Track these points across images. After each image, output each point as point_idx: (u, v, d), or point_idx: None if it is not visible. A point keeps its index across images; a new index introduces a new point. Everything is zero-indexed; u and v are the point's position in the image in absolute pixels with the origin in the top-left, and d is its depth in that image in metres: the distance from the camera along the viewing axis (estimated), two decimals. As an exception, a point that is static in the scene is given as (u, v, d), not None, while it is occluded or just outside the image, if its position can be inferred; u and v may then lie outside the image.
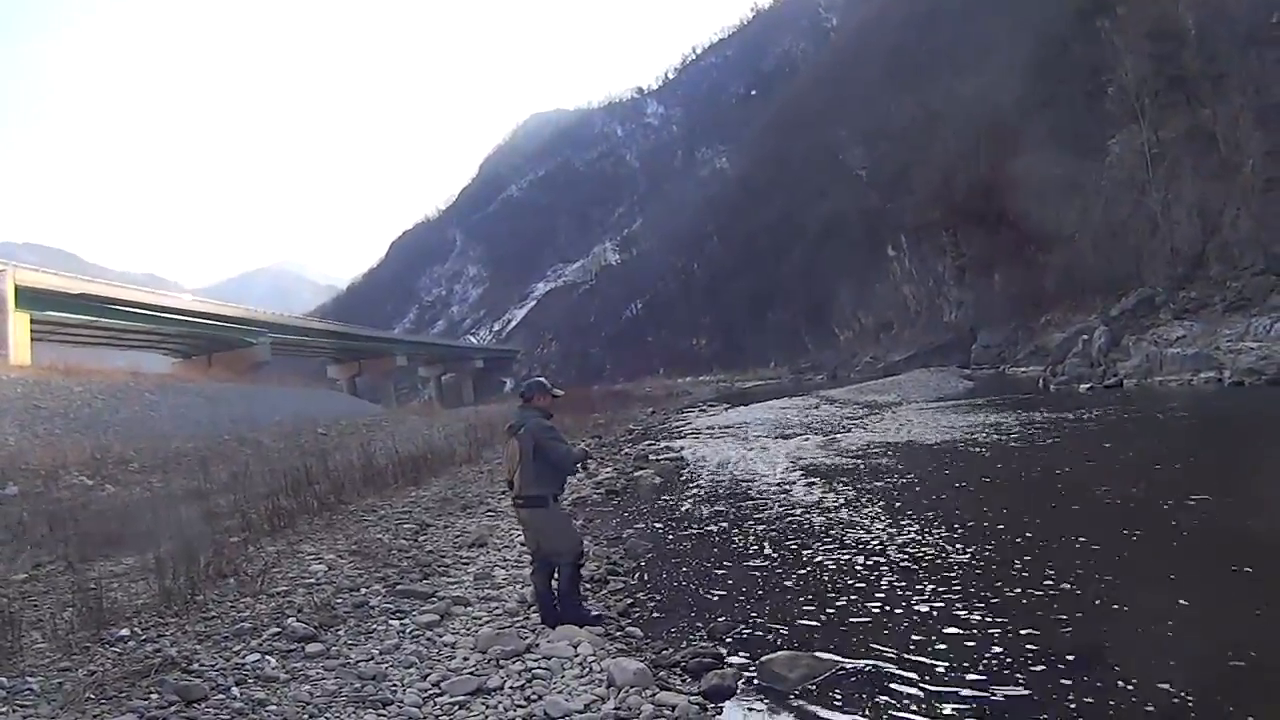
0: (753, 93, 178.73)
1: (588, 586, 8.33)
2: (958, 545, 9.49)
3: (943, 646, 6.43)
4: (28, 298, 50.97)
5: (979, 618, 6.99)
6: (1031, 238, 56.96)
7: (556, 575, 7.60)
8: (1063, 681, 5.57)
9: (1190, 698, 5.18)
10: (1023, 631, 6.54)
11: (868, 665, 6.23)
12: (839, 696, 5.76)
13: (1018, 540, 9.60)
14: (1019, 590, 7.67)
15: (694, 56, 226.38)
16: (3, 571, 10.24)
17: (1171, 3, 45.11)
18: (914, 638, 6.69)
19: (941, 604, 7.46)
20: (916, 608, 7.43)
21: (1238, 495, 10.83)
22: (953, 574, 8.38)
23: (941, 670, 5.99)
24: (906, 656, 6.30)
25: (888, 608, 7.55)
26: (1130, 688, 5.39)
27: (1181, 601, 6.98)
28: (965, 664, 6.04)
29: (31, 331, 51.56)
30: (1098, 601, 7.15)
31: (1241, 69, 40.54)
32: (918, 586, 8.07)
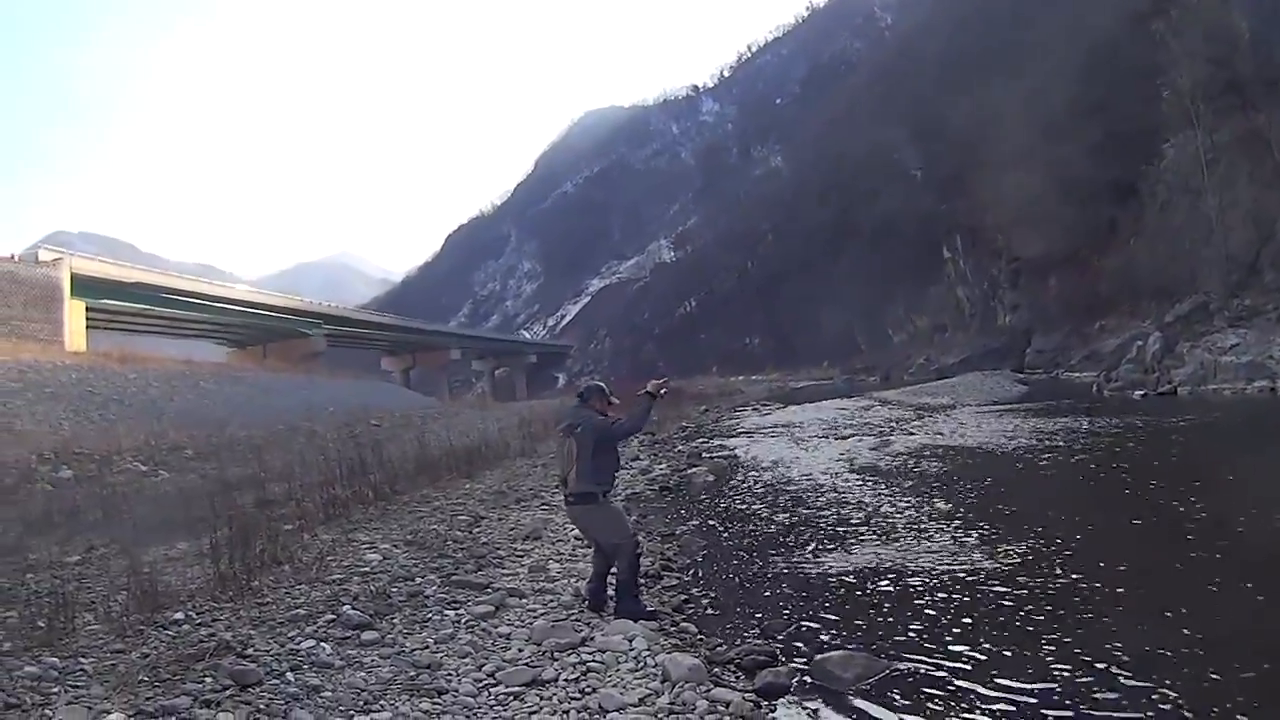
0: (808, 91, 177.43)
1: (642, 581, 8.27)
2: (1014, 550, 9.39)
3: (998, 650, 6.46)
4: (83, 286, 52.18)
5: (1035, 622, 7.01)
6: (1086, 242, 56.65)
7: (614, 568, 7.81)
8: (1119, 688, 5.58)
9: (1244, 709, 5.13)
10: (1079, 637, 6.50)
11: (922, 666, 6.24)
12: (894, 696, 5.79)
13: (1076, 547, 9.44)
14: (1077, 597, 7.63)
15: (749, 55, 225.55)
16: (56, 554, 10.42)
17: (1226, 7, 44.65)
18: (969, 640, 6.71)
19: (997, 608, 7.49)
20: (972, 610, 7.46)
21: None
22: (1009, 578, 8.31)
23: (997, 674, 6.00)
24: (962, 658, 6.35)
25: (943, 609, 7.57)
26: (1190, 695, 5.37)
27: (1241, 614, 6.88)
28: (1020, 668, 6.04)
29: (87, 319, 52.76)
30: (1156, 610, 7.05)
31: (1297, 73, 40.15)
32: (973, 589, 8.08)
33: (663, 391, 8.13)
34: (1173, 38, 46.65)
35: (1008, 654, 6.40)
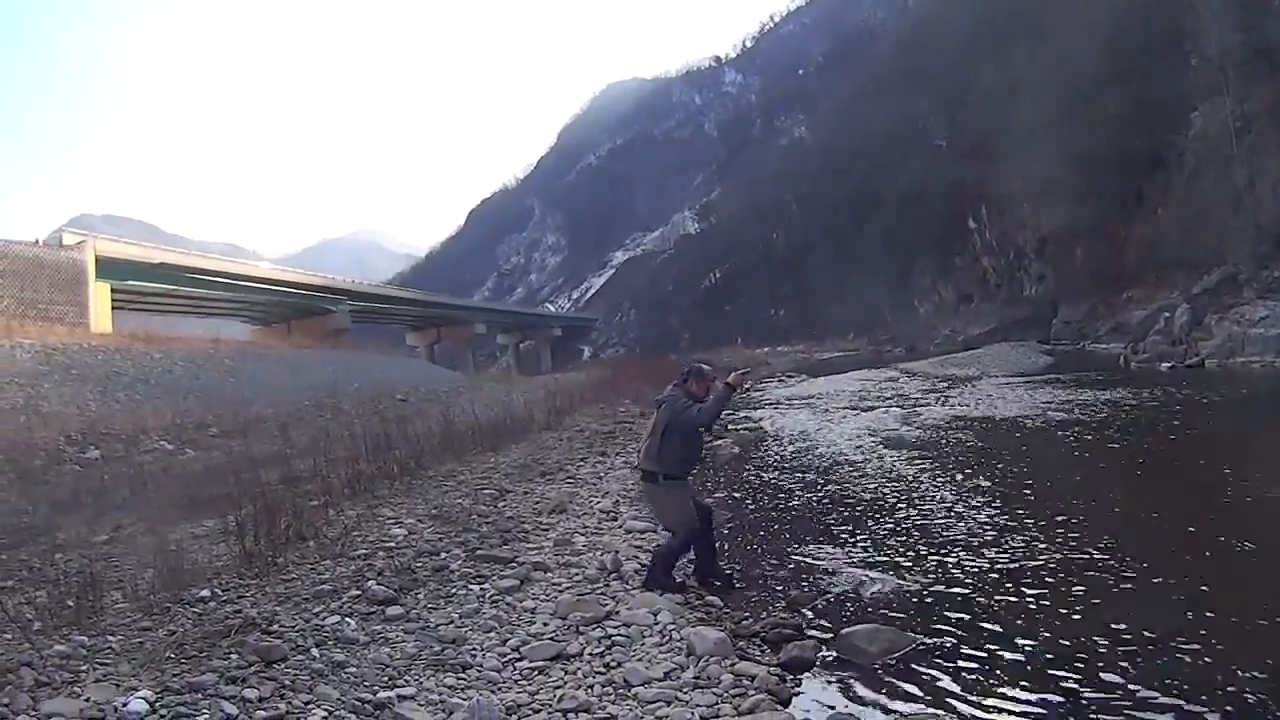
0: (831, 61, 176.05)
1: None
2: (1046, 528, 9.38)
3: (1025, 626, 6.52)
4: (108, 268, 52.31)
5: (1063, 599, 7.04)
6: (1113, 211, 56.18)
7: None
8: (1150, 669, 5.54)
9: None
10: (1112, 619, 6.46)
11: (948, 642, 6.33)
12: (919, 671, 5.86)
13: (1110, 526, 9.36)
14: (1110, 577, 7.56)
15: (772, 24, 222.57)
16: (84, 534, 10.48)
17: (1256, -29, 44.04)
18: (997, 617, 6.78)
19: (1025, 584, 7.50)
20: (1000, 587, 7.51)
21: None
22: (1040, 557, 8.32)
23: (1023, 650, 6.08)
24: (988, 635, 6.43)
25: (970, 586, 7.63)
26: (1226, 681, 5.28)
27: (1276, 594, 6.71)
28: (1047, 644, 6.10)
29: (113, 301, 52.96)
30: (1191, 594, 6.93)
31: (1329, 40, 39.57)
32: (1003, 566, 8.10)
33: (747, 384, 8.28)
34: (1201, 3, 45.92)
35: (1038, 633, 6.40)
